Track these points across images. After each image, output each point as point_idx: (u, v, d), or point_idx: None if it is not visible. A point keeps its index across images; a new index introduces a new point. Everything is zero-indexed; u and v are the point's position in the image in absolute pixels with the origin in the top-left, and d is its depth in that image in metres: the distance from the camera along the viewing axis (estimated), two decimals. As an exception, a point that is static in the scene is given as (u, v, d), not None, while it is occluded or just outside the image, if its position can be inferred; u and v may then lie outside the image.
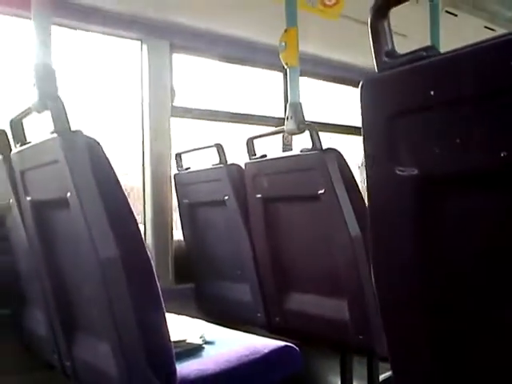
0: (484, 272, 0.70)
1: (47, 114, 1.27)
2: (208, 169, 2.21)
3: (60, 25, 2.07)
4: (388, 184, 0.74)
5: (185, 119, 2.59)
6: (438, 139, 0.69)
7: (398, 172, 0.72)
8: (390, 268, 0.77)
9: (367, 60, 0.84)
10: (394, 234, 0.75)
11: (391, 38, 0.77)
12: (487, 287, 0.70)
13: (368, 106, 0.76)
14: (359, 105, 0.78)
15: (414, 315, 0.76)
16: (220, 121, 2.75)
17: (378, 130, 0.75)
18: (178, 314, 1.80)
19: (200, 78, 2.80)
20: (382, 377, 1.86)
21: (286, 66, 1.95)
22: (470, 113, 0.65)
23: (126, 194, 1.29)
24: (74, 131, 1.23)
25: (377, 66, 0.76)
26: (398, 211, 0.74)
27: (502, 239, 0.67)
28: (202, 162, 2.33)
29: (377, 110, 0.75)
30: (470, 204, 0.68)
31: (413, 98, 0.71)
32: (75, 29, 2.20)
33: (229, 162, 2.12)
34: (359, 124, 0.78)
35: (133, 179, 2.50)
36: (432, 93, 0.67)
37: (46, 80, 1.27)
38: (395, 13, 0.78)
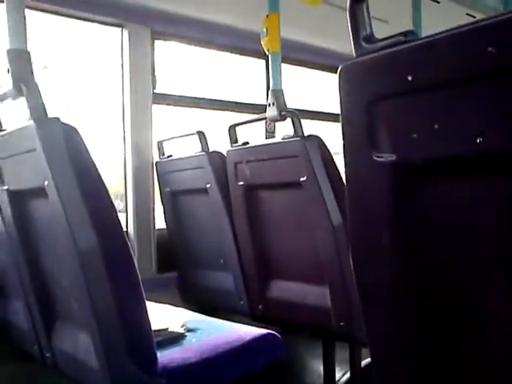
0: (463, 257, 0.70)
1: (23, 101, 1.24)
2: (190, 156, 2.19)
3: (35, 8, 2.02)
4: (366, 170, 0.74)
5: (167, 106, 2.56)
6: (416, 125, 0.68)
7: (376, 158, 0.72)
8: (369, 254, 0.77)
9: (350, 46, 0.83)
10: (372, 220, 0.75)
11: (370, 22, 0.76)
12: (467, 272, 0.70)
13: (346, 91, 0.75)
14: (337, 91, 0.77)
15: (391, 302, 0.76)
16: (202, 108, 2.72)
17: (356, 116, 0.74)
18: (161, 302, 1.80)
19: (182, 64, 2.77)
20: (363, 362, 1.87)
21: (267, 52, 1.94)
22: (447, 98, 0.64)
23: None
24: (50, 118, 1.20)
25: (355, 51, 0.75)
26: (376, 197, 0.74)
27: (479, 224, 0.67)
28: (184, 149, 2.31)
29: (355, 96, 0.74)
30: (447, 190, 0.68)
31: (390, 83, 0.70)
32: (52, 13, 2.15)
33: (211, 150, 2.11)
34: None
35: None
36: (409, 78, 0.66)
37: (21, 65, 1.24)
38: (378, -1, 0.77)
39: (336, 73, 0.77)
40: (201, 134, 2.13)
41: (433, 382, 0.77)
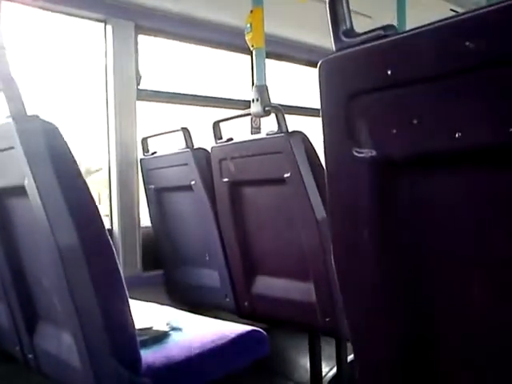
0: (444, 253, 0.70)
1: (1, 97, 1.22)
2: (174, 153, 2.17)
3: (15, 1, 1.99)
4: (346, 166, 0.74)
5: (151, 103, 2.54)
6: (395, 120, 0.68)
7: (356, 153, 0.71)
8: (349, 250, 0.77)
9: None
10: (353, 215, 0.75)
11: (349, 16, 0.75)
12: (448, 268, 0.70)
13: (326, 86, 0.75)
14: (318, 85, 0.77)
15: (373, 298, 0.75)
16: (187, 104, 2.71)
17: (335, 110, 0.73)
18: (147, 301, 1.79)
19: (166, 60, 2.75)
20: (350, 357, 1.88)
21: (251, 48, 1.93)
22: (426, 93, 0.64)
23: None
24: (30, 115, 1.18)
25: (335, 45, 0.74)
26: (357, 193, 0.73)
27: (459, 220, 0.67)
28: (169, 146, 2.29)
29: (334, 91, 0.74)
30: (427, 185, 0.68)
31: (370, 77, 0.69)
32: (32, 6, 2.11)
33: (195, 146, 2.10)
34: None
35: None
36: (389, 72, 0.66)
37: None
38: (362, -6, 0.76)
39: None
40: (185, 131, 2.12)
41: (416, 378, 0.77)
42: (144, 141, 2.38)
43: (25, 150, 1.15)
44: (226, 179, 1.92)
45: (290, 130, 1.71)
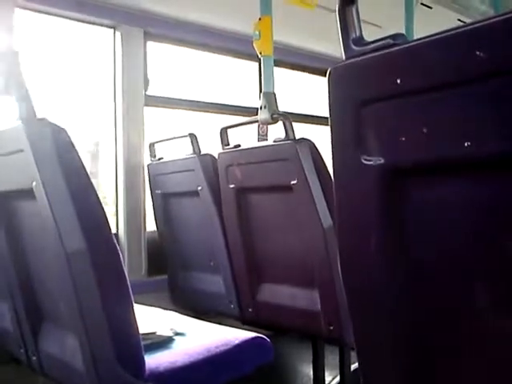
0: (450, 260, 0.70)
1: (11, 101, 1.23)
2: (181, 159, 2.18)
3: (26, 8, 2.01)
4: (354, 173, 0.74)
5: (159, 108, 2.56)
6: (404, 128, 0.68)
7: (365, 161, 0.71)
8: (356, 257, 0.77)
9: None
10: (360, 223, 0.75)
11: (359, 25, 0.76)
12: (452, 276, 0.70)
13: (335, 94, 0.75)
14: (327, 93, 0.77)
15: (379, 305, 0.75)
16: (195, 110, 2.72)
17: (344, 118, 0.74)
18: (151, 305, 1.79)
19: (174, 67, 2.77)
20: (353, 366, 1.87)
21: (260, 56, 1.94)
22: (435, 102, 0.64)
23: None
24: (39, 119, 1.19)
25: (344, 53, 0.75)
26: (364, 200, 0.73)
27: (466, 227, 0.67)
28: (176, 151, 2.30)
29: (344, 99, 0.74)
30: (435, 194, 0.68)
31: (379, 86, 0.70)
32: (44, 13, 2.14)
33: (202, 152, 2.11)
34: None
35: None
36: (398, 81, 0.66)
37: (9, 65, 1.23)
38: (371, 3, 0.77)
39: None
40: (192, 137, 2.12)
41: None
42: (151, 146, 2.39)
43: (34, 152, 1.16)
44: (232, 185, 1.92)
45: (297, 138, 1.71)
